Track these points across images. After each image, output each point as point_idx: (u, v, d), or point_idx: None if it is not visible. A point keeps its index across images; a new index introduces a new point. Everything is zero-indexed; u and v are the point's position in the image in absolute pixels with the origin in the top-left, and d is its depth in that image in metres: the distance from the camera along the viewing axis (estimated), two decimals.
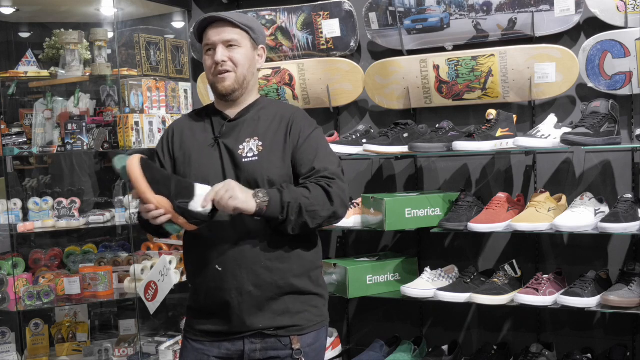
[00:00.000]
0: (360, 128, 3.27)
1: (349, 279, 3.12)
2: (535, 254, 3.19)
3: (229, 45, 2.11)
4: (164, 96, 3.65)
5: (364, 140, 3.16)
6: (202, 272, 2.12)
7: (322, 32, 3.42)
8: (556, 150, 3.05)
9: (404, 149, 3.07)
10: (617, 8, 2.87)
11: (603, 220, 2.70)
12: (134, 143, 3.43)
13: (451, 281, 3.07)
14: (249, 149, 2.11)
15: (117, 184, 3.76)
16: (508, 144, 2.90)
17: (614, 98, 2.87)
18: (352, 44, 3.40)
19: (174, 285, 3.32)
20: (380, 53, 3.42)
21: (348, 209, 2.40)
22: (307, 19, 3.44)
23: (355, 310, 3.60)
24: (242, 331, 2.08)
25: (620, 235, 2.89)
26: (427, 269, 3.14)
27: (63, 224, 3.47)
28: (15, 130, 3.53)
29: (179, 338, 3.54)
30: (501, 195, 3.00)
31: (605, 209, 2.84)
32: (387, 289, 3.21)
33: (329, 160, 2.13)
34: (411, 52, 3.29)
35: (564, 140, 2.70)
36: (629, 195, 2.78)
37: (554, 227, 2.78)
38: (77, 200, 3.54)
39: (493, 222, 2.90)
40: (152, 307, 3.31)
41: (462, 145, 2.91)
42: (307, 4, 3.45)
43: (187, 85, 3.84)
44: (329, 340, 3.34)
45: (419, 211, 3.05)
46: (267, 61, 2.92)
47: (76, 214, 3.51)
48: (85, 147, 3.44)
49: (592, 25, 2.99)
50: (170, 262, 3.38)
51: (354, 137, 3.22)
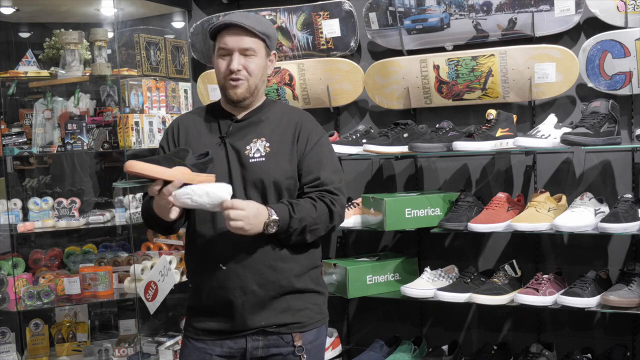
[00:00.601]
0: (360, 128, 3.27)
1: (349, 279, 3.12)
2: (535, 254, 3.19)
3: (245, 53, 2.10)
4: (164, 96, 3.65)
5: (364, 140, 3.16)
6: (204, 271, 2.12)
7: (322, 32, 3.42)
8: (556, 150, 3.04)
9: (404, 149, 3.07)
10: (617, 8, 2.87)
11: (603, 220, 2.70)
12: (134, 143, 3.43)
13: (451, 281, 3.07)
14: (256, 149, 2.11)
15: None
16: (508, 144, 2.90)
17: (614, 98, 2.87)
18: (352, 44, 3.40)
19: (174, 285, 3.32)
20: (380, 53, 3.42)
21: None
22: (307, 19, 3.43)
23: (355, 310, 3.60)
24: (244, 329, 2.09)
25: (620, 235, 2.89)
26: (427, 269, 3.14)
27: (63, 224, 3.47)
28: (15, 130, 3.53)
29: (179, 338, 3.54)
30: (501, 195, 3.00)
31: (605, 209, 2.84)
32: (387, 289, 3.21)
33: (334, 171, 2.17)
34: (411, 52, 3.29)
35: (564, 140, 2.70)
36: (629, 195, 2.78)
37: (554, 227, 2.78)
38: (77, 200, 3.54)
39: (493, 222, 2.90)
40: (152, 307, 3.31)
41: (462, 145, 2.91)
42: (307, 4, 3.45)
43: (187, 85, 3.84)
44: (329, 340, 3.34)
45: (419, 211, 3.05)
46: None
47: (76, 214, 3.51)
48: (85, 147, 3.44)
49: (592, 25, 2.99)
50: (170, 262, 3.38)
51: (354, 137, 3.22)
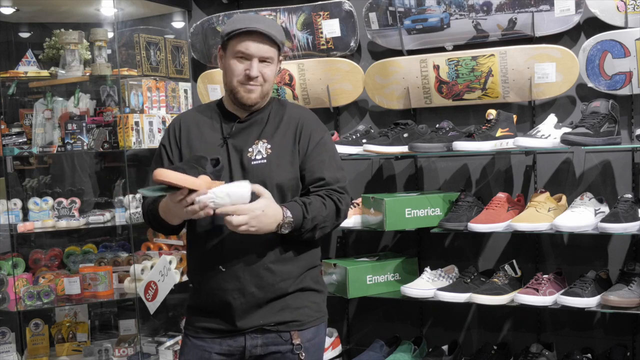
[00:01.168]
0: (360, 128, 3.27)
1: (349, 279, 3.12)
2: (535, 254, 3.19)
3: (263, 60, 2.10)
4: (164, 96, 3.65)
5: (364, 140, 3.16)
6: (204, 272, 2.12)
7: (322, 32, 3.42)
8: (556, 150, 3.04)
9: (404, 149, 3.07)
10: (617, 8, 2.87)
11: (603, 220, 2.70)
12: (134, 143, 3.43)
13: (451, 281, 3.07)
14: (258, 151, 2.11)
15: (117, 184, 3.76)
16: (508, 144, 2.90)
17: (614, 98, 2.87)
18: (352, 44, 3.40)
19: (174, 285, 3.32)
20: (380, 53, 3.42)
21: None
22: (307, 19, 3.43)
23: (355, 310, 3.60)
24: (243, 328, 2.10)
25: (620, 235, 2.89)
26: (427, 269, 3.14)
27: (63, 224, 3.47)
28: (15, 130, 3.53)
29: (179, 338, 3.54)
30: (501, 195, 3.00)
31: (605, 209, 2.84)
32: (387, 289, 3.21)
33: (338, 169, 2.18)
34: (411, 52, 3.29)
35: (564, 140, 2.70)
36: (629, 195, 2.78)
37: (554, 227, 2.78)
38: (77, 200, 3.54)
39: (493, 222, 2.90)
40: (152, 307, 3.31)
41: (462, 145, 2.91)
42: (307, 4, 3.45)
43: (187, 85, 3.84)
44: (329, 340, 3.34)
45: (419, 211, 3.05)
46: None
47: (76, 214, 3.51)
48: (85, 147, 3.44)
49: (592, 25, 2.99)
50: (170, 262, 3.38)
51: (354, 137, 3.22)
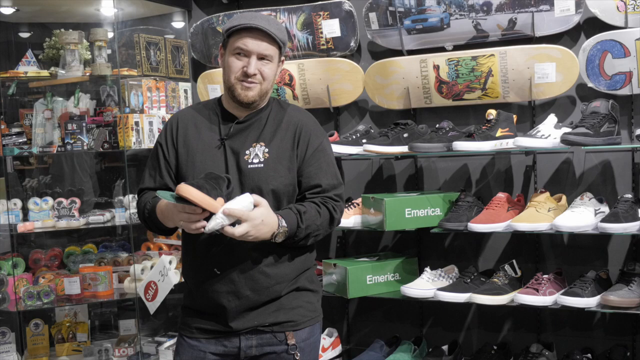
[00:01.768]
0: (360, 128, 3.27)
1: (349, 279, 3.12)
2: (535, 254, 3.19)
3: (262, 58, 2.09)
4: (164, 96, 3.65)
5: (364, 140, 3.16)
6: (199, 274, 2.12)
7: (322, 32, 3.42)
8: (556, 150, 3.04)
9: (404, 149, 3.07)
10: (617, 8, 2.87)
11: (603, 220, 2.70)
12: (134, 143, 3.43)
13: (451, 281, 3.07)
14: (255, 154, 2.09)
15: (117, 184, 3.76)
16: (508, 144, 2.90)
17: (614, 98, 2.87)
18: (352, 44, 3.40)
19: (174, 285, 3.32)
20: (380, 53, 3.42)
21: None
22: (307, 19, 3.43)
23: (355, 310, 3.60)
24: (237, 329, 2.10)
25: (620, 235, 2.89)
26: (427, 269, 3.13)
27: (63, 224, 3.47)
28: (15, 130, 3.53)
29: None
30: (501, 195, 3.00)
31: (605, 209, 2.84)
32: (387, 289, 3.21)
33: (334, 176, 2.17)
34: (411, 52, 3.29)
35: (564, 140, 2.70)
36: (629, 195, 2.78)
37: (554, 227, 2.78)
38: (77, 200, 3.54)
39: (493, 222, 2.90)
40: (152, 307, 3.31)
41: (462, 145, 2.91)
42: (307, 4, 3.44)
43: (187, 85, 3.84)
44: (329, 340, 3.34)
45: (419, 211, 3.04)
46: None
47: (76, 214, 3.51)
48: (85, 147, 3.44)
49: (592, 25, 2.99)
50: (170, 262, 3.38)
51: (354, 137, 3.22)
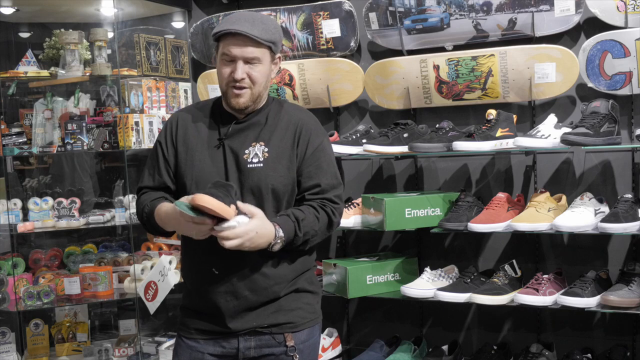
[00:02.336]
0: (360, 128, 3.27)
1: (349, 279, 3.11)
2: (535, 254, 3.19)
3: (249, 62, 2.06)
4: (164, 96, 3.65)
5: (364, 140, 3.16)
6: (198, 274, 2.11)
7: (322, 32, 3.42)
8: (556, 150, 3.04)
9: (404, 149, 3.07)
10: (617, 8, 2.87)
11: (603, 220, 2.70)
12: (134, 143, 3.43)
13: (451, 281, 3.07)
14: (254, 154, 2.08)
15: (117, 184, 3.76)
16: (508, 144, 2.90)
17: (614, 98, 2.87)
18: (352, 44, 3.40)
19: (174, 285, 3.32)
20: (380, 53, 3.42)
21: None
22: (307, 19, 3.43)
23: (355, 310, 3.60)
24: (236, 330, 2.09)
25: (620, 235, 2.89)
26: (427, 269, 3.13)
27: (63, 224, 3.47)
28: (15, 130, 3.53)
29: None
30: (501, 195, 3.00)
31: (605, 209, 2.84)
32: (387, 289, 3.20)
33: (334, 176, 2.15)
34: (411, 52, 3.29)
35: (564, 140, 2.70)
36: (629, 195, 2.78)
37: (554, 227, 2.78)
38: (77, 200, 3.54)
39: (493, 222, 2.90)
40: (152, 307, 3.31)
41: (462, 145, 2.91)
42: (307, 4, 3.45)
43: (187, 85, 3.84)
44: (329, 340, 3.34)
45: (419, 211, 3.04)
46: None
47: (76, 214, 3.51)
48: (85, 147, 3.44)
49: (592, 25, 2.99)
50: (170, 262, 3.38)
51: (354, 137, 3.22)
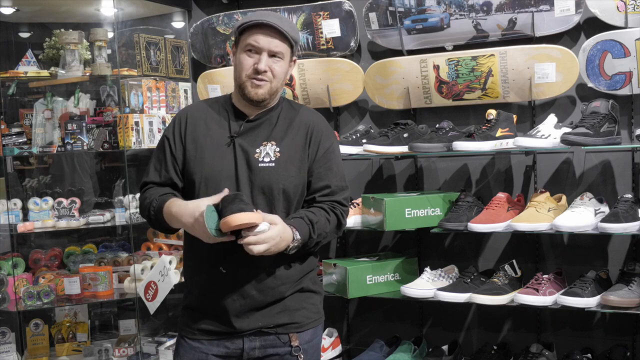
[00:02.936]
0: (360, 128, 3.27)
1: (349, 279, 3.12)
2: (535, 254, 3.19)
3: (273, 55, 2.08)
4: (164, 96, 3.65)
5: (364, 140, 3.16)
6: (204, 273, 2.10)
7: (322, 32, 3.42)
8: (556, 150, 3.04)
9: (404, 149, 3.07)
10: (617, 8, 2.87)
11: (603, 220, 2.70)
12: (134, 143, 3.43)
13: (451, 281, 3.07)
14: (266, 153, 2.08)
15: (117, 184, 3.76)
16: (508, 144, 2.90)
17: (614, 98, 2.87)
18: (352, 44, 3.40)
19: (174, 285, 3.32)
20: (380, 53, 3.42)
21: None
22: (307, 19, 3.43)
23: (355, 310, 3.60)
24: (241, 330, 2.09)
25: (620, 235, 2.89)
26: (427, 269, 3.13)
27: (63, 224, 3.47)
28: (15, 130, 3.53)
29: None
30: (501, 195, 3.00)
31: (605, 209, 2.84)
32: (387, 289, 3.21)
33: (342, 178, 2.18)
34: (411, 52, 3.29)
35: (564, 140, 2.70)
36: (629, 195, 2.78)
37: (554, 227, 2.78)
38: (77, 200, 3.54)
39: (493, 222, 2.90)
40: (152, 307, 3.31)
41: (462, 145, 2.91)
42: (307, 4, 3.45)
43: (187, 85, 3.84)
44: (329, 340, 3.34)
45: (419, 211, 3.05)
46: None
47: (76, 214, 3.51)
48: (85, 147, 3.44)
49: (592, 25, 2.99)
50: (170, 262, 3.38)
51: (354, 137, 3.22)
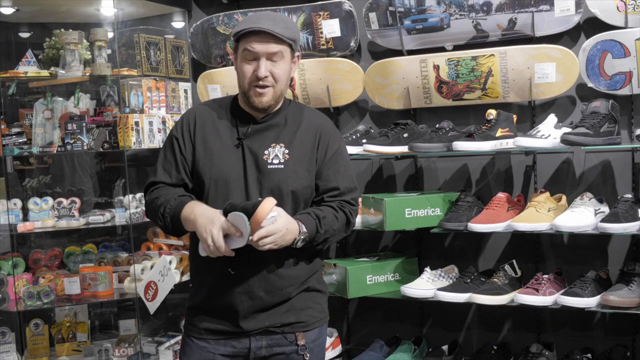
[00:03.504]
0: (360, 128, 3.27)
1: (349, 279, 3.12)
2: (535, 254, 3.19)
3: (271, 58, 2.05)
4: (164, 96, 3.65)
5: (364, 140, 3.16)
6: (211, 273, 2.09)
7: (322, 32, 3.42)
8: (556, 150, 3.04)
9: (404, 149, 3.07)
10: (617, 8, 2.87)
11: (603, 220, 2.70)
12: (134, 143, 3.43)
13: (451, 281, 3.07)
14: (275, 155, 2.08)
15: (117, 184, 3.76)
16: (508, 144, 2.90)
17: (614, 98, 2.87)
18: (352, 44, 3.40)
19: (174, 285, 3.32)
20: (380, 53, 3.42)
21: None
22: (307, 19, 3.43)
23: (355, 310, 3.60)
24: (248, 330, 2.09)
25: (620, 235, 2.89)
26: (427, 269, 3.14)
27: (63, 224, 3.47)
28: (15, 130, 3.53)
29: (179, 338, 3.53)
30: (501, 195, 3.00)
31: (605, 209, 2.84)
32: (387, 289, 3.21)
33: (351, 180, 2.19)
34: (411, 52, 3.29)
35: (564, 140, 2.70)
36: (629, 195, 2.78)
37: (554, 227, 2.78)
38: (77, 200, 3.54)
39: (493, 222, 2.90)
40: (152, 307, 3.31)
41: (462, 145, 2.91)
42: (307, 4, 3.45)
43: (187, 85, 3.84)
44: (329, 340, 3.34)
45: (419, 211, 3.05)
46: None
47: (76, 214, 3.51)
48: (85, 147, 3.44)
49: (592, 25, 2.99)
50: (170, 262, 3.38)
51: (354, 137, 3.22)
